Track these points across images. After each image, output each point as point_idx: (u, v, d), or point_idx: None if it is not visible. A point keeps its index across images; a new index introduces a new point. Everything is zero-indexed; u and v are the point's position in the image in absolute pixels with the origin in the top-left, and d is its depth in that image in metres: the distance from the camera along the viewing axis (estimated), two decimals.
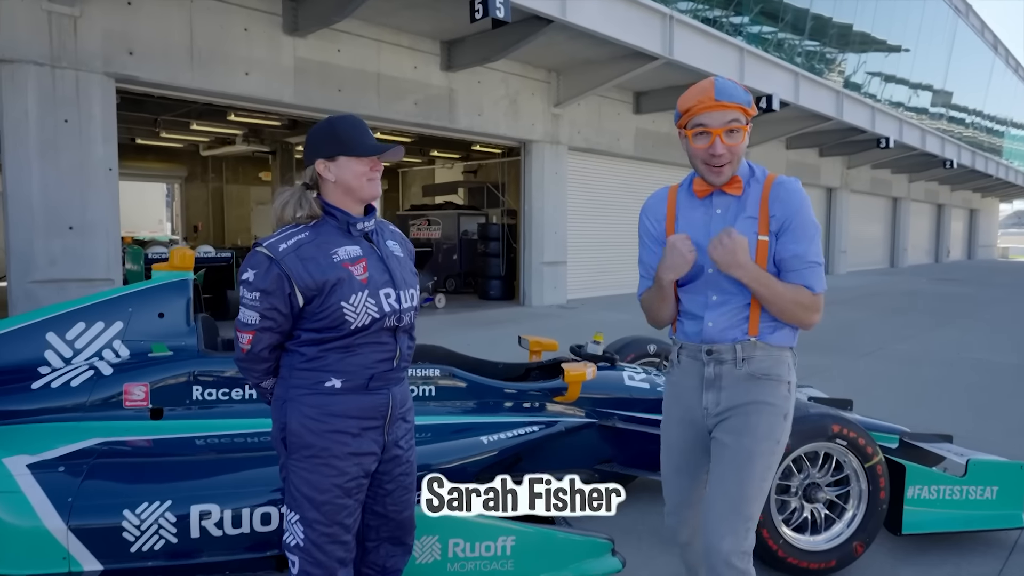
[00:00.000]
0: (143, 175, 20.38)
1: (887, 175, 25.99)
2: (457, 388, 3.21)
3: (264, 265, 1.75)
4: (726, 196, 1.90)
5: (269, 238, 1.80)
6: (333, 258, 1.78)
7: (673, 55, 11.10)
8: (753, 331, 1.88)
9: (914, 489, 3.03)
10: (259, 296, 1.76)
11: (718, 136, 1.81)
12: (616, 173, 14.29)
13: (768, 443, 1.86)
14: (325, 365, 1.80)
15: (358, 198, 1.85)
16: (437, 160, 20.14)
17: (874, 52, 21.42)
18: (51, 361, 2.97)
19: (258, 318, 1.77)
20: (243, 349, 1.83)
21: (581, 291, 13.48)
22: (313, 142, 1.83)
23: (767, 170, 1.95)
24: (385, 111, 9.85)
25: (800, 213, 1.84)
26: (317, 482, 1.81)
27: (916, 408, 5.48)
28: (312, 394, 1.81)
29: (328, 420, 1.80)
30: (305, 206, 1.81)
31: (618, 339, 4.70)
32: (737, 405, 1.87)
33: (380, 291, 1.82)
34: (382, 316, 1.82)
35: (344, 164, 1.81)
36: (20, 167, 6.70)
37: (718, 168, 1.85)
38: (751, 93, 11.27)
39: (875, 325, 10.33)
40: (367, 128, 1.87)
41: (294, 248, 1.76)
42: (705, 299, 1.92)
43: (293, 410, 1.82)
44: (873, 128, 18.63)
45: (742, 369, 1.87)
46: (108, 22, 7.16)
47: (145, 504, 2.35)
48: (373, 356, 1.83)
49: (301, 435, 1.80)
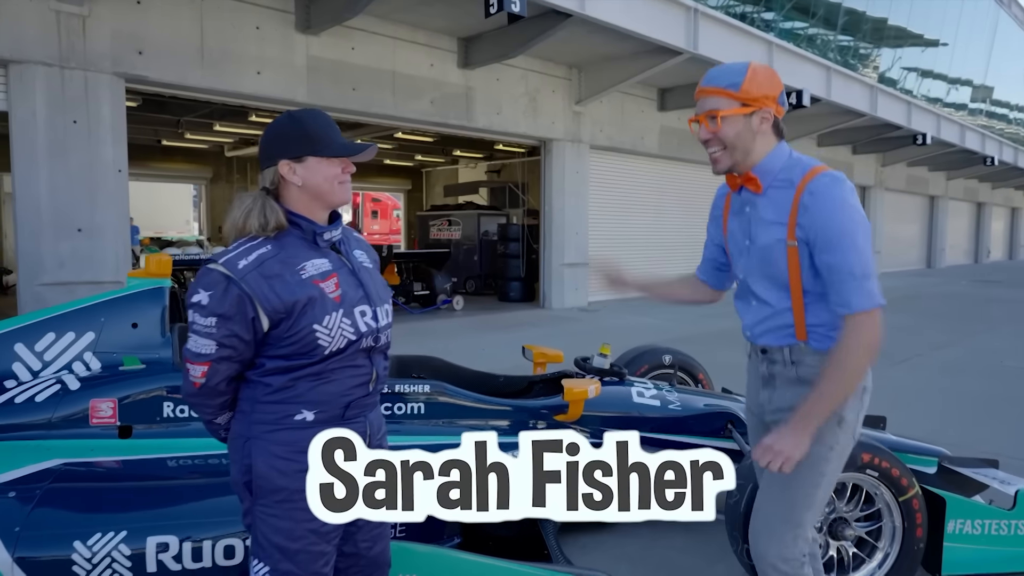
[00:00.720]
0: (170, 176, 20.59)
1: (924, 173, 25.14)
2: (448, 405, 2.97)
3: (221, 285, 1.50)
4: (750, 193, 1.80)
5: (225, 254, 1.55)
6: (301, 274, 1.55)
7: (698, 49, 10.74)
8: (800, 335, 1.77)
9: (955, 523, 2.71)
10: (216, 322, 1.51)
11: (702, 122, 1.75)
12: (640, 172, 13.94)
13: (817, 448, 1.69)
14: (295, 396, 1.57)
15: (327, 204, 1.62)
16: (460, 160, 20.01)
17: (910, 47, 20.74)
18: (18, 374, 2.80)
19: (214, 347, 1.53)
20: (195, 383, 1.57)
21: (603, 293, 13.15)
22: (275, 140, 1.59)
23: (812, 165, 1.74)
24: (401, 110, 9.67)
25: (830, 220, 1.65)
26: (289, 529, 1.57)
27: (956, 425, 5.08)
28: (280, 430, 1.58)
29: (300, 458, 1.52)
30: (271, 215, 1.56)
31: (632, 348, 4.41)
32: (786, 407, 1.77)
33: (355, 309, 1.60)
34: (359, 337, 1.60)
35: (313, 166, 1.57)
36: (28, 168, 6.64)
37: (712, 156, 1.78)
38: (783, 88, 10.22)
39: (911, 330, 9.84)
40: (335, 124, 1.64)
41: (256, 264, 1.52)
42: (747, 304, 1.88)
43: (259, 449, 1.58)
44: (909, 124, 17.96)
45: (791, 372, 1.79)
46: (117, 21, 7.07)
47: (98, 535, 2.16)
48: (348, 382, 1.61)
49: (270, 478, 1.57)
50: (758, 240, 1.78)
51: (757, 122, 1.73)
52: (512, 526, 2.95)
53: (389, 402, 2.90)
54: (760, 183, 1.75)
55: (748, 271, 1.83)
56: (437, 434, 2.88)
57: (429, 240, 16.14)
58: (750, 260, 1.81)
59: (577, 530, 3.12)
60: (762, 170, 1.75)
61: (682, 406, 3.25)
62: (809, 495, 1.76)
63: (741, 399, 3.63)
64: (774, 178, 1.75)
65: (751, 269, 1.82)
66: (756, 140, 1.74)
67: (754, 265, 1.80)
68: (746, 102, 1.70)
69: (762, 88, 1.71)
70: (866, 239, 1.67)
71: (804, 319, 1.75)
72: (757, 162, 1.75)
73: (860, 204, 1.71)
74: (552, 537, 2.77)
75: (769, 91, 1.72)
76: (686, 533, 3.14)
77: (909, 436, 3.50)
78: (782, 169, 1.75)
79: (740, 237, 1.85)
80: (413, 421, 2.90)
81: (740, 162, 1.76)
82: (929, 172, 25.44)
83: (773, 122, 1.76)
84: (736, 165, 1.77)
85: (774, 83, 1.75)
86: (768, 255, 1.75)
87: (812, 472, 1.74)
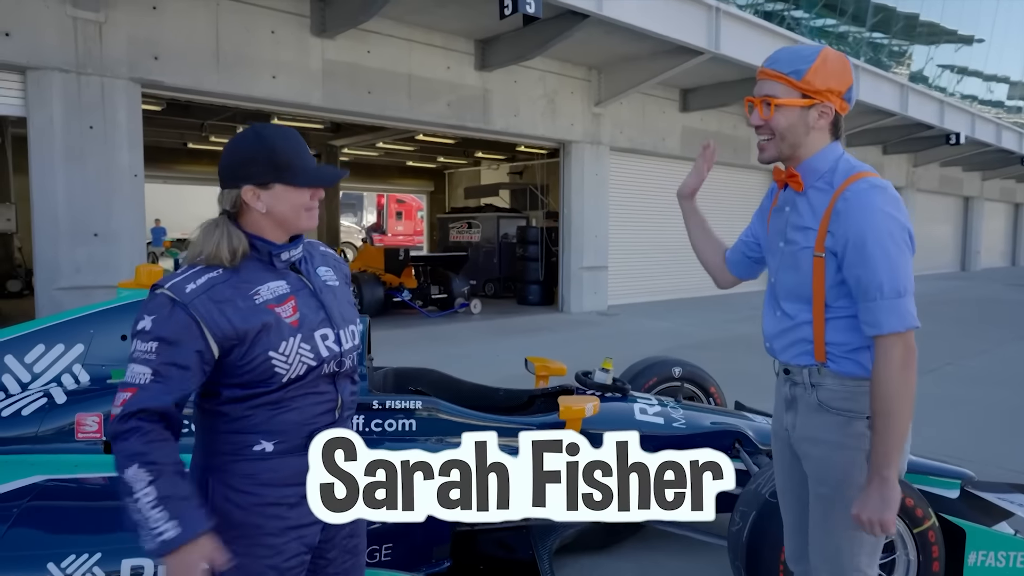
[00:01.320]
0: (196, 178, 20.87)
1: (958, 173, 24.47)
2: (441, 422, 2.87)
3: (166, 309, 1.38)
4: (791, 192, 1.68)
5: (171, 278, 1.43)
6: (255, 299, 1.45)
7: (720, 49, 10.52)
8: (819, 356, 1.63)
9: (977, 555, 2.55)
10: (156, 347, 1.36)
11: (757, 106, 1.63)
12: (661, 174, 13.72)
13: (852, 491, 1.59)
14: (252, 426, 1.46)
15: (290, 231, 1.52)
16: (483, 161, 19.96)
17: (944, 44, 20.20)
18: (7, 386, 2.77)
19: (149, 377, 1.36)
20: (111, 415, 1.35)
21: (622, 297, 12.99)
22: (238, 161, 1.46)
23: (856, 169, 1.60)
24: (417, 113, 9.62)
25: (864, 231, 1.50)
26: (248, 566, 1.47)
27: (985, 442, 4.85)
28: (238, 460, 1.47)
29: (259, 492, 1.47)
30: (238, 243, 1.45)
31: (641, 360, 4.27)
32: (809, 438, 1.68)
33: (316, 333, 1.50)
34: (319, 363, 1.49)
35: (280, 194, 1.46)
36: (45, 174, 6.70)
37: (761, 143, 1.66)
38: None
39: (942, 337, 9.52)
40: (305, 144, 1.52)
41: (205, 288, 1.41)
42: (772, 311, 1.76)
43: (216, 481, 1.48)
44: (942, 123, 17.46)
45: (812, 396, 1.66)
46: (133, 27, 7.11)
47: (72, 556, 2.12)
48: (310, 410, 1.50)
49: (227, 513, 1.46)
50: (790, 243, 1.67)
51: (815, 116, 1.60)
52: (506, 547, 2.85)
53: (379, 419, 2.81)
54: (802, 182, 1.63)
55: (777, 274, 1.73)
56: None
57: (449, 242, 16.10)
58: (781, 263, 1.70)
59: (577, 551, 3.01)
60: (807, 168, 1.63)
61: (687, 423, 3.12)
62: (854, 538, 1.63)
63: (752, 416, 3.48)
64: (818, 178, 1.62)
65: (780, 273, 1.71)
66: (810, 135, 1.61)
67: (783, 269, 1.70)
68: (807, 93, 1.57)
69: (828, 81, 1.57)
70: (902, 253, 1.51)
71: (824, 336, 1.62)
72: (804, 159, 1.63)
73: (904, 215, 1.54)
74: (546, 561, 2.66)
75: (836, 85, 1.58)
76: (684, 557, 3.01)
77: (933, 454, 3.32)
78: (828, 171, 1.61)
79: (776, 237, 1.74)
80: (403, 439, 2.80)
81: (787, 156, 1.64)
82: (963, 172, 24.75)
83: (833, 119, 1.62)
84: (783, 157, 1.65)
85: (843, 77, 1.61)
86: (795, 261, 1.64)
87: (850, 515, 1.58)
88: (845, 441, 1.62)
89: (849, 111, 1.67)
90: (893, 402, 1.51)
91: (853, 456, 1.61)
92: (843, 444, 1.62)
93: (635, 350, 4.96)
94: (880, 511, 1.50)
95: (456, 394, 3.42)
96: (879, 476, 1.52)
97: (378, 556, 2.51)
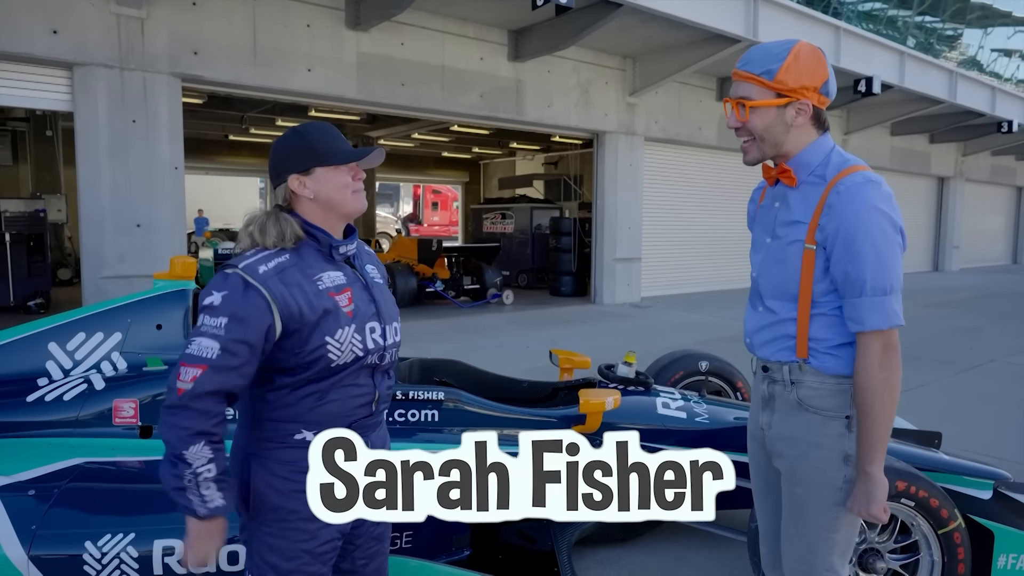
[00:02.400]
0: (236, 169, 21.32)
1: (1011, 162, 23.52)
2: (463, 412, 2.91)
3: (239, 288, 1.45)
4: (783, 187, 1.67)
5: (243, 258, 1.51)
6: (318, 285, 1.54)
7: (758, 37, 10.28)
8: (802, 353, 1.62)
9: (1007, 558, 2.49)
10: (226, 323, 1.42)
11: (734, 108, 1.62)
12: (697, 165, 13.53)
13: (826, 492, 1.61)
14: (296, 415, 1.55)
15: (342, 214, 1.60)
16: (517, 152, 19.93)
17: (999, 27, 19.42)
18: (51, 372, 2.90)
19: (217, 351, 1.41)
20: (179, 390, 1.40)
21: (656, 289, 12.87)
22: (281, 157, 1.58)
23: (849, 163, 1.60)
24: (449, 104, 9.65)
25: (854, 226, 1.50)
26: (284, 548, 1.56)
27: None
28: (280, 448, 1.56)
29: (297, 478, 1.50)
30: (286, 226, 1.55)
31: (667, 353, 4.25)
32: (785, 437, 1.66)
33: (366, 325, 1.58)
34: (365, 353, 1.57)
35: (322, 176, 1.56)
36: (91, 167, 6.94)
37: (744, 146, 1.66)
38: (850, 75, 10.01)
39: (989, 332, 9.22)
40: (340, 133, 1.62)
41: (276, 271, 1.49)
42: (753, 308, 1.76)
43: (258, 466, 1.56)
44: (993, 111, 16.79)
45: (791, 393, 1.64)
46: (173, 23, 7.29)
47: (108, 536, 2.22)
48: (350, 403, 1.58)
49: (266, 496, 1.55)
50: (778, 238, 1.66)
51: (792, 114, 1.58)
52: (526, 538, 2.88)
53: (403, 409, 2.87)
54: (795, 176, 1.62)
55: (761, 271, 1.71)
56: (450, 443, 2.82)
57: (482, 233, 16.15)
58: (766, 259, 1.70)
59: (597, 544, 3.03)
60: (798, 163, 1.62)
61: (710, 419, 3.10)
62: (828, 539, 1.65)
63: None
64: (810, 173, 1.61)
65: (765, 269, 1.70)
66: (790, 133, 1.60)
67: (769, 265, 1.69)
68: (781, 92, 1.56)
69: (801, 78, 1.56)
70: (892, 251, 1.51)
71: (808, 332, 1.61)
72: (793, 154, 1.62)
73: (897, 213, 1.54)
74: (565, 553, 2.68)
75: (810, 81, 1.57)
76: (709, 551, 3.00)
77: (970, 453, 3.24)
78: (820, 164, 1.60)
79: (762, 234, 1.73)
80: (426, 429, 2.85)
81: (772, 155, 1.64)
82: (1016, 161, 23.79)
83: (813, 114, 1.61)
84: (767, 157, 1.65)
85: (817, 72, 1.58)
86: (783, 255, 1.63)
87: (825, 516, 1.63)
88: (822, 441, 1.61)
89: (830, 102, 1.65)
90: (875, 399, 1.52)
91: (829, 456, 1.61)
92: (820, 444, 1.62)
93: (666, 342, 4.93)
94: (866, 505, 1.54)
95: (480, 385, 3.46)
96: (863, 472, 1.54)
97: (399, 543, 2.56)
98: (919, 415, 4.73)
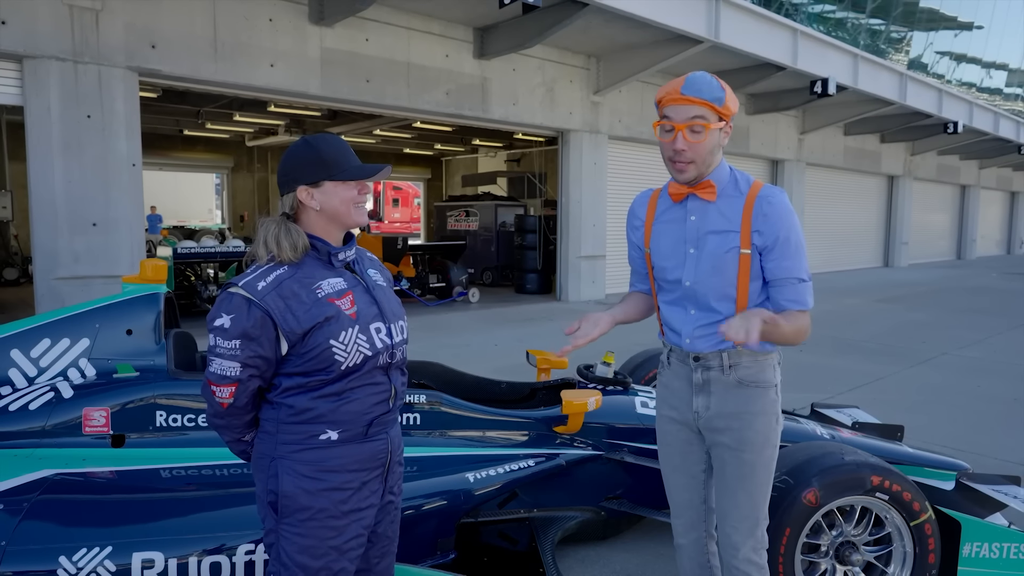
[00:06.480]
0: (192, 165, 20.78)
1: (955, 161, 24.47)
2: (445, 415, 2.90)
3: (244, 308, 1.56)
4: (700, 201, 1.87)
5: (243, 277, 1.61)
6: (317, 293, 1.62)
7: (719, 38, 10.48)
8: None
9: (971, 547, 2.59)
10: (239, 344, 1.56)
11: (680, 132, 1.77)
12: (660, 163, 13.31)
13: (767, 450, 1.91)
14: (318, 416, 1.62)
15: (343, 225, 1.69)
16: (480, 149, 19.89)
17: (943, 30, 20.13)
18: (14, 380, 2.78)
19: (239, 368, 1.57)
20: (223, 404, 1.62)
21: (621, 286, 13.00)
22: (292, 167, 1.64)
23: (752, 178, 1.90)
24: (415, 102, 9.58)
25: (788, 229, 1.81)
26: (313, 547, 1.63)
27: (981, 433, 4.90)
28: (305, 449, 1.63)
29: (325, 477, 1.63)
30: (298, 239, 1.63)
31: (640, 352, 4.31)
32: (729, 413, 1.89)
33: (370, 326, 1.67)
34: (375, 353, 1.65)
35: (330, 190, 1.63)
36: (43, 164, 6.68)
37: (682, 165, 1.81)
38: (807, 77, 10.52)
39: (934, 327, 9.58)
40: (350, 148, 1.68)
41: (274, 286, 1.58)
42: (684, 313, 1.92)
43: (285, 469, 1.63)
44: (940, 112, 17.44)
45: (730, 376, 1.88)
46: (130, 15, 7.06)
47: (84, 550, 2.15)
48: (368, 400, 1.66)
49: (296, 497, 1.62)
50: (707, 248, 1.85)
51: (723, 137, 1.83)
52: (509, 539, 2.89)
53: None
54: (714, 191, 1.84)
55: (696, 279, 1.88)
56: (433, 446, 2.81)
57: (446, 231, 16.08)
58: (698, 268, 1.87)
59: (578, 542, 3.06)
60: (716, 179, 1.85)
61: None
62: (766, 491, 1.94)
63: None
64: (723, 187, 1.85)
65: (699, 277, 1.87)
66: (716, 154, 1.84)
67: (703, 273, 1.86)
68: (723, 116, 1.79)
69: (732, 106, 1.80)
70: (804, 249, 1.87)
71: None
72: (709, 173, 1.85)
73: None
74: (549, 553, 2.70)
75: (734, 108, 1.83)
76: None
77: (929, 445, 3.37)
78: (730, 180, 1.87)
79: (680, 246, 1.90)
80: (409, 432, 2.83)
81: (704, 173, 1.84)
82: (961, 161, 24.76)
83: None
84: (703, 177, 1.84)
85: (737, 101, 1.87)
86: (719, 263, 1.84)
87: (766, 471, 1.92)
88: (763, 408, 1.89)
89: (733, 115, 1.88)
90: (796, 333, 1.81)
91: (768, 420, 1.89)
92: (762, 411, 1.89)
93: (633, 339, 4.99)
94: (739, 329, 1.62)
95: (458, 387, 3.45)
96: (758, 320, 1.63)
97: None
98: (880, 408, 4.90)
